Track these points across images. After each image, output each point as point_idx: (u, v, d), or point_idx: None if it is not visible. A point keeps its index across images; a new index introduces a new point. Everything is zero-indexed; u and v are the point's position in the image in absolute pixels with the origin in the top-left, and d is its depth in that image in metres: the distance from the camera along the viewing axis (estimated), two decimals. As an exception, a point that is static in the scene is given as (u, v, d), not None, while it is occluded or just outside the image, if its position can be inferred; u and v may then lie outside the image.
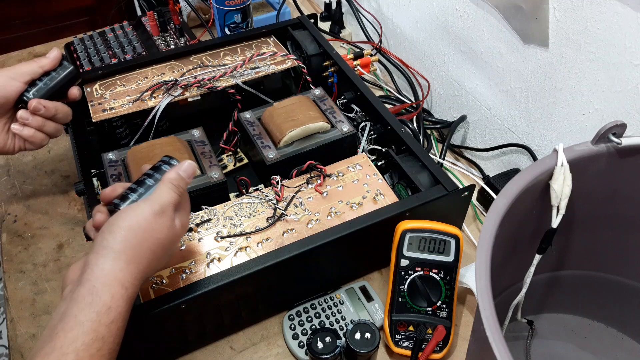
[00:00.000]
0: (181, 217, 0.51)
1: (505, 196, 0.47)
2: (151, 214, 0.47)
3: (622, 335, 0.67)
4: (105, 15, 1.81)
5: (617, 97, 0.62)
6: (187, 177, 0.53)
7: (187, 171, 0.53)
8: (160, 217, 0.48)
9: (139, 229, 0.46)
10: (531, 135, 0.77)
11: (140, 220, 0.47)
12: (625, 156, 0.52)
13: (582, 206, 0.55)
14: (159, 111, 0.76)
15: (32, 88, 0.66)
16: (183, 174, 0.52)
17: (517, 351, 0.66)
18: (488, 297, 0.40)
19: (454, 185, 0.65)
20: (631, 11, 0.56)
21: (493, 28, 0.76)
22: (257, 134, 0.74)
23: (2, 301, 1.45)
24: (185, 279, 0.58)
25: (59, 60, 0.68)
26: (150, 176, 0.53)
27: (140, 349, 0.59)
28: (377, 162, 0.75)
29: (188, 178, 0.53)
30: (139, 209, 0.48)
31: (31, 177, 0.86)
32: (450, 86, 0.91)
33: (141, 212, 0.47)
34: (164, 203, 0.49)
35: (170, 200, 0.50)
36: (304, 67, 0.85)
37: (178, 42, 1.04)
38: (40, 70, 0.66)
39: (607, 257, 0.62)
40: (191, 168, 0.53)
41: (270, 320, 0.68)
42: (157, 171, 0.53)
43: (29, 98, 0.65)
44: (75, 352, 0.40)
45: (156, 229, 0.47)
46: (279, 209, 0.65)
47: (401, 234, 0.62)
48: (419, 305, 0.63)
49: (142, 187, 0.52)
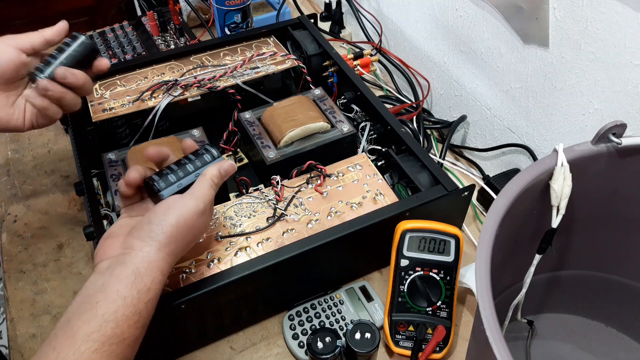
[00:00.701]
0: (212, 212, 0.55)
1: (505, 196, 0.47)
2: (196, 212, 0.50)
3: (622, 335, 0.67)
4: (105, 15, 1.81)
5: (617, 97, 0.62)
6: (225, 177, 0.55)
7: (228, 171, 0.55)
8: (202, 216, 0.51)
9: (184, 226, 0.50)
10: (531, 135, 0.77)
11: (187, 218, 0.50)
12: (625, 156, 0.52)
13: (582, 206, 0.55)
14: (159, 111, 0.76)
15: (46, 66, 0.58)
16: (224, 172, 0.55)
17: (517, 351, 0.66)
18: (488, 297, 0.40)
19: (454, 185, 0.65)
20: (631, 11, 0.56)
21: (493, 28, 0.76)
22: (257, 134, 0.74)
23: (2, 301, 1.45)
24: (185, 279, 0.58)
25: (66, 32, 0.60)
26: (191, 161, 0.54)
27: (140, 349, 0.59)
28: (377, 162, 0.75)
29: (226, 177, 0.55)
30: (186, 206, 0.50)
31: (31, 177, 0.86)
32: (450, 86, 0.91)
33: (188, 210, 0.50)
34: (207, 202, 0.52)
35: (210, 198, 0.53)
36: (304, 67, 0.85)
37: (178, 42, 1.04)
38: (42, 39, 0.59)
39: (607, 257, 0.62)
40: (232, 169, 0.56)
41: (270, 320, 0.68)
42: (198, 158, 0.55)
43: (42, 77, 0.57)
44: (116, 321, 0.43)
45: (196, 226, 0.51)
46: (279, 209, 0.65)
47: (401, 234, 0.62)
48: (419, 305, 0.63)
49: (181, 170, 0.53)
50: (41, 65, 0.59)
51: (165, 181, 0.53)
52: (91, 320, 0.43)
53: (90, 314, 0.43)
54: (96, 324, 0.43)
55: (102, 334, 0.43)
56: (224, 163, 0.55)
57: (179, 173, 0.53)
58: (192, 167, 0.54)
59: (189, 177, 0.54)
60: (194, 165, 0.54)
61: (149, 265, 0.47)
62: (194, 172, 0.54)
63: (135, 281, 0.46)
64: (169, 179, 0.53)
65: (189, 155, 0.55)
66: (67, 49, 0.60)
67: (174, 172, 0.53)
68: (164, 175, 0.53)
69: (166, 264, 0.49)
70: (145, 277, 0.46)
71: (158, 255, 0.48)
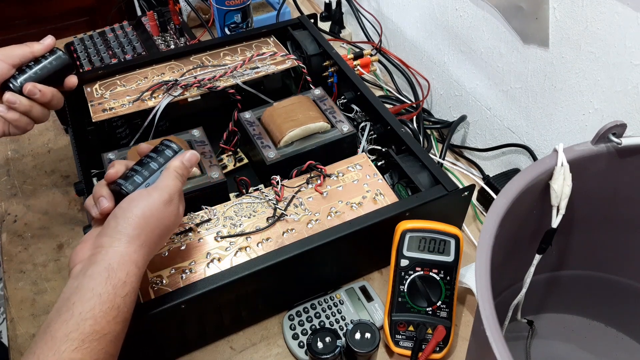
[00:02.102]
0: (182, 203, 0.55)
1: (505, 196, 0.47)
2: (162, 202, 0.51)
3: (622, 335, 0.67)
4: (105, 15, 1.81)
5: (617, 97, 0.62)
6: (190, 167, 0.56)
7: (191, 161, 0.56)
8: (169, 206, 0.51)
9: (151, 217, 0.50)
10: (531, 135, 0.77)
11: (153, 208, 0.50)
12: (625, 156, 0.52)
13: (582, 206, 0.55)
14: (159, 111, 0.76)
15: (20, 75, 0.62)
16: (187, 163, 0.56)
17: (517, 351, 0.66)
18: (488, 297, 0.40)
19: (454, 185, 0.65)
20: (631, 11, 0.56)
21: (493, 28, 0.76)
22: (257, 134, 0.74)
23: (2, 301, 1.45)
24: (185, 279, 0.58)
25: (51, 47, 0.65)
26: (154, 159, 0.55)
27: (140, 348, 0.59)
28: (377, 162, 0.75)
29: (190, 167, 0.56)
30: (150, 197, 0.50)
31: (31, 177, 0.86)
32: (450, 86, 0.91)
33: (153, 201, 0.50)
34: (172, 192, 0.52)
35: (177, 189, 0.53)
36: (304, 67, 0.85)
37: (178, 42, 1.04)
38: (30, 55, 0.64)
39: (607, 257, 0.62)
40: (194, 158, 0.56)
41: (270, 320, 0.68)
42: (159, 155, 0.56)
43: (15, 86, 0.62)
44: (94, 318, 0.44)
45: (165, 216, 0.51)
46: (279, 209, 0.65)
47: (401, 234, 0.62)
48: (419, 305, 0.63)
49: (145, 169, 0.54)
50: (16, 74, 0.62)
51: (132, 183, 0.52)
52: (69, 320, 0.43)
53: (67, 315, 0.43)
54: (74, 323, 0.43)
55: (81, 332, 0.43)
56: (186, 153, 0.56)
57: (143, 173, 0.53)
58: (156, 165, 0.55)
59: (155, 175, 0.54)
60: (157, 162, 0.55)
61: (121, 259, 0.47)
62: (159, 169, 0.54)
63: (109, 277, 0.46)
64: (135, 180, 0.53)
65: (150, 154, 0.56)
66: (43, 61, 0.64)
67: (139, 172, 0.53)
68: (129, 177, 0.53)
69: (140, 256, 0.48)
70: (119, 272, 0.46)
71: (129, 248, 0.48)
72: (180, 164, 0.55)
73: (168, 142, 0.57)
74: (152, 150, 0.56)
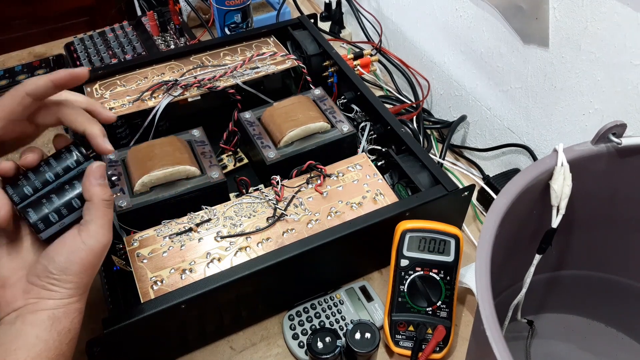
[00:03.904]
0: None
1: (505, 196, 0.47)
2: (98, 258, 0.47)
3: (622, 335, 0.67)
4: (105, 15, 1.81)
5: (617, 97, 0.62)
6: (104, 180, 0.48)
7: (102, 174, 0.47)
8: (103, 253, 0.47)
9: (90, 266, 0.46)
10: (531, 135, 0.77)
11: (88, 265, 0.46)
12: (625, 156, 0.52)
13: (582, 206, 0.55)
14: (159, 111, 0.76)
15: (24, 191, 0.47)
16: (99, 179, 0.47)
17: (517, 351, 0.66)
18: (488, 297, 0.40)
19: (454, 185, 0.65)
20: (631, 11, 0.56)
21: (493, 28, 0.76)
22: (257, 134, 0.74)
23: (2, 301, 1.45)
24: (185, 279, 0.58)
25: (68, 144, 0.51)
26: (68, 184, 0.47)
27: (140, 349, 0.59)
28: (377, 162, 0.75)
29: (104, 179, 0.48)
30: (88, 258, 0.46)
31: (31, 177, 0.85)
32: (450, 86, 0.91)
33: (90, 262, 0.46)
34: (109, 239, 0.47)
35: (109, 219, 0.47)
36: (304, 67, 0.85)
37: (178, 42, 1.04)
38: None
39: (607, 257, 0.62)
40: (102, 169, 0.48)
41: (270, 320, 0.68)
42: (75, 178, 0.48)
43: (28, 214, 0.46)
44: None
45: (100, 262, 0.48)
46: (279, 209, 0.65)
47: (401, 234, 0.62)
48: (419, 305, 0.63)
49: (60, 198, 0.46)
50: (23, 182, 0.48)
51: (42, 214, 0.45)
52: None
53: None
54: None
55: None
56: (93, 169, 0.47)
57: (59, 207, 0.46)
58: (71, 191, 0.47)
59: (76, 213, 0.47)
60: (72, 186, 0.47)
61: (66, 308, 0.45)
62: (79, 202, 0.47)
63: (53, 325, 0.44)
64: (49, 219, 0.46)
65: (64, 179, 0.48)
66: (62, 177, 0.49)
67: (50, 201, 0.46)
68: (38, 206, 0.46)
69: (82, 303, 0.47)
70: (64, 320, 0.45)
71: (72, 298, 0.46)
72: (102, 189, 0.47)
73: (77, 153, 0.49)
74: (53, 156, 0.48)
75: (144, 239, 0.62)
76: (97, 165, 0.47)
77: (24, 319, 0.44)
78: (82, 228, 0.46)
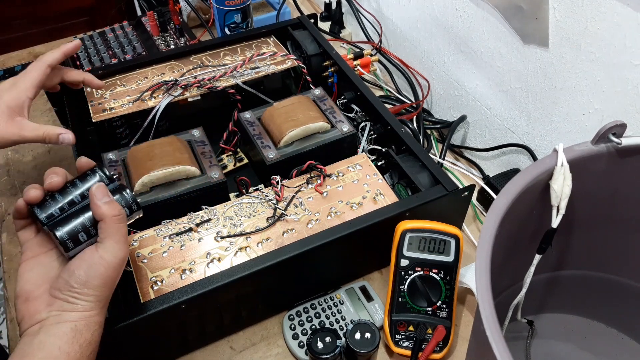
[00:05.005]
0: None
1: (505, 196, 0.47)
2: (117, 272, 0.49)
3: (622, 335, 0.67)
4: (105, 15, 1.81)
5: (617, 97, 0.62)
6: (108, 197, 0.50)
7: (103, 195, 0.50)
8: (122, 267, 0.50)
9: (108, 282, 0.48)
10: (531, 135, 0.77)
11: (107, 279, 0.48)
12: (625, 156, 0.52)
13: (582, 206, 0.55)
14: (159, 111, 0.76)
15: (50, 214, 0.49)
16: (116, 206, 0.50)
17: (517, 351, 0.66)
18: (488, 297, 0.40)
19: (454, 185, 0.65)
20: (631, 11, 0.56)
21: (493, 28, 0.76)
22: (257, 134, 0.74)
23: (2, 301, 1.45)
24: (185, 279, 0.58)
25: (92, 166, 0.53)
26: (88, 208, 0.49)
27: (140, 348, 0.59)
28: (377, 162, 0.75)
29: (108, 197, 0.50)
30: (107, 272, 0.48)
31: (31, 177, 0.85)
32: (450, 86, 0.91)
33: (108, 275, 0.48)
34: (126, 253, 0.50)
35: (126, 242, 0.50)
36: (304, 67, 0.85)
37: (178, 42, 1.04)
38: None
39: (607, 257, 0.62)
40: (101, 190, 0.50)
41: (270, 320, 0.68)
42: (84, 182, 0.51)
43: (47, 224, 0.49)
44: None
45: (119, 275, 0.50)
46: (279, 209, 0.65)
47: (401, 234, 0.62)
48: (419, 305, 0.63)
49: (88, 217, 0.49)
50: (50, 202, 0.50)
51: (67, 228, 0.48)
52: None
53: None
54: None
55: None
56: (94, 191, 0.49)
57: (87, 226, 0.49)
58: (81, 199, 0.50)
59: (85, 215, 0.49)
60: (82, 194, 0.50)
61: (87, 321, 0.47)
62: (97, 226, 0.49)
63: (75, 337, 0.45)
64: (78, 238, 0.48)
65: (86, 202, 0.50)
66: None
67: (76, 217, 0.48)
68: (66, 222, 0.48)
69: (102, 316, 0.48)
70: (86, 333, 0.46)
71: (93, 311, 0.47)
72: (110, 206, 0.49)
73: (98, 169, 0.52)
74: (79, 177, 0.51)
75: (144, 239, 0.62)
76: (96, 186, 0.50)
77: (47, 331, 0.45)
78: (99, 245, 0.48)
